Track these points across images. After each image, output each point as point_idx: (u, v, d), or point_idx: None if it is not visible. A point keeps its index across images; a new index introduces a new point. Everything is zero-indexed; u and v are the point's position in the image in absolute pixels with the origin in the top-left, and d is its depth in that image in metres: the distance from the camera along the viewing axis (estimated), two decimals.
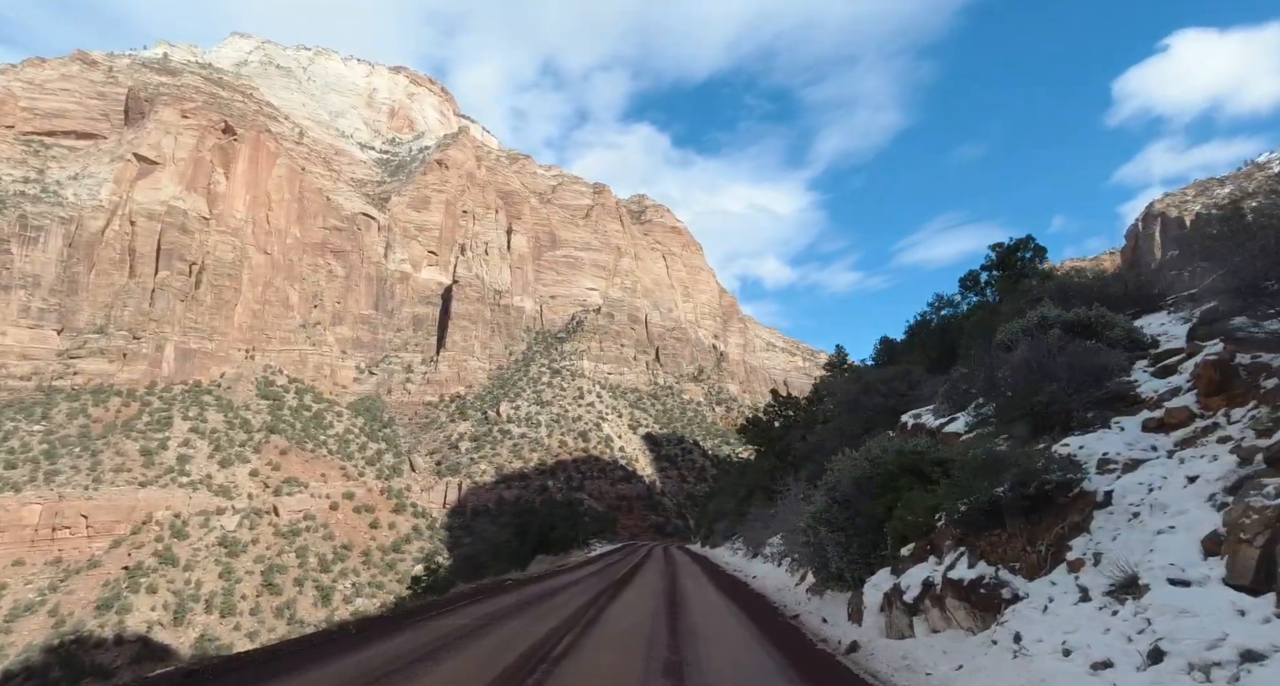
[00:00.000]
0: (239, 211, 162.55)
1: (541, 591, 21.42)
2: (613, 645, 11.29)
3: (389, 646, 11.13)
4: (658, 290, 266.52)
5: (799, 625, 13.53)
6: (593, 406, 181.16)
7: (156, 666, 26.69)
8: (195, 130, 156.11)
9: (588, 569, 33.86)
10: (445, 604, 18.10)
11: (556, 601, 18.20)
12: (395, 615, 16.35)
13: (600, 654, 10.56)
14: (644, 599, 18.51)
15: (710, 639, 11.96)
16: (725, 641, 11.79)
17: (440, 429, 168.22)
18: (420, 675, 8.91)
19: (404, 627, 13.30)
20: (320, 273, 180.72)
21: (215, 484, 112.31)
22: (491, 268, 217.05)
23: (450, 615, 15.29)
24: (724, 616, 15.05)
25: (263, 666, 9.63)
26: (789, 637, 12.14)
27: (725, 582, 23.45)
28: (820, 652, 10.58)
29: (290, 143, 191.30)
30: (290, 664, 9.78)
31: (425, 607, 17.60)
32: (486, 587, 23.80)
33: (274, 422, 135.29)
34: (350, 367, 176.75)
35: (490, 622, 14.10)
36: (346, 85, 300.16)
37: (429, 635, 12.38)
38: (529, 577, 29.76)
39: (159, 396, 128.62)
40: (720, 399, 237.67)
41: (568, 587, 22.88)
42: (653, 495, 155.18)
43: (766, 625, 13.60)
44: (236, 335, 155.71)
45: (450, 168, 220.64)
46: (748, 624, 13.80)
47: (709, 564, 34.94)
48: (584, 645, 11.11)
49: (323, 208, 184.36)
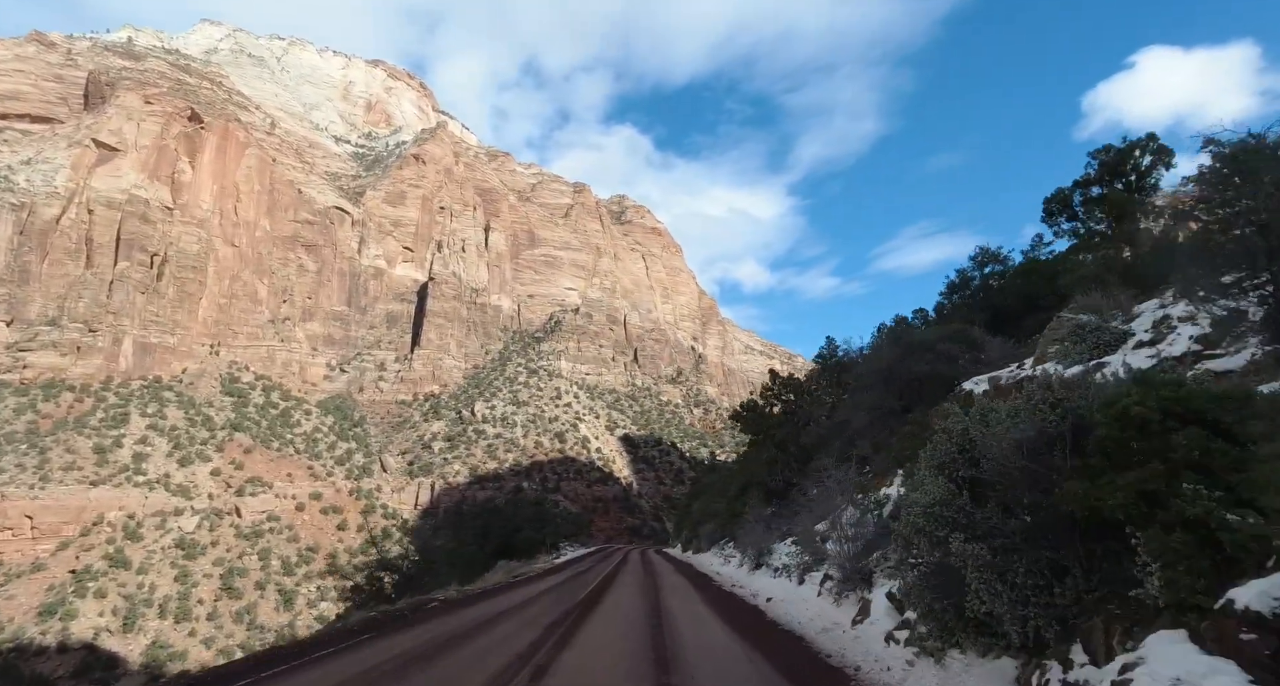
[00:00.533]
0: (205, 202, 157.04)
1: (471, 622, 15.33)
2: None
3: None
4: (637, 291, 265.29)
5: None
6: (570, 407, 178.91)
7: (103, 676, 23.33)
8: (159, 117, 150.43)
9: (550, 580, 28.11)
10: (291, 655, 12.19)
11: (481, 643, 12.27)
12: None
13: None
14: (617, 636, 12.86)
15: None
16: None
17: (413, 428, 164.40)
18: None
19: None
20: (290, 267, 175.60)
21: (174, 483, 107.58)
22: (469, 265, 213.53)
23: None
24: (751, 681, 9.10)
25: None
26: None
27: (729, 607, 17.04)
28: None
29: (261, 133, 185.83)
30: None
31: (267, 659, 12.18)
32: (393, 616, 17.74)
33: (238, 420, 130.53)
34: (320, 365, 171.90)
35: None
36: (321, 77, 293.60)
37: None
38: (469, 595, 22.96)
39: (115, 392, 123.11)
40: (699, 401, 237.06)
41: (513, 612, 16.98)
42: (629, 497, 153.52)
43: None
44: (200, 330, 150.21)
45: (428, 163, 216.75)
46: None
47: (697, 574, 28.43)
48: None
49: (294, 200, 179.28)
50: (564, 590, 22.82)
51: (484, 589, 25.53)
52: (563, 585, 24.94)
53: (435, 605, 19.86)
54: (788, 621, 13.78)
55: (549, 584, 26.07)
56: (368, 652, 11.95)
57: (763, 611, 15.68)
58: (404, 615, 17.73)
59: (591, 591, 21.25)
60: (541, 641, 12.00)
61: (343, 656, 11.71)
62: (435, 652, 11.64)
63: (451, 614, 17.40)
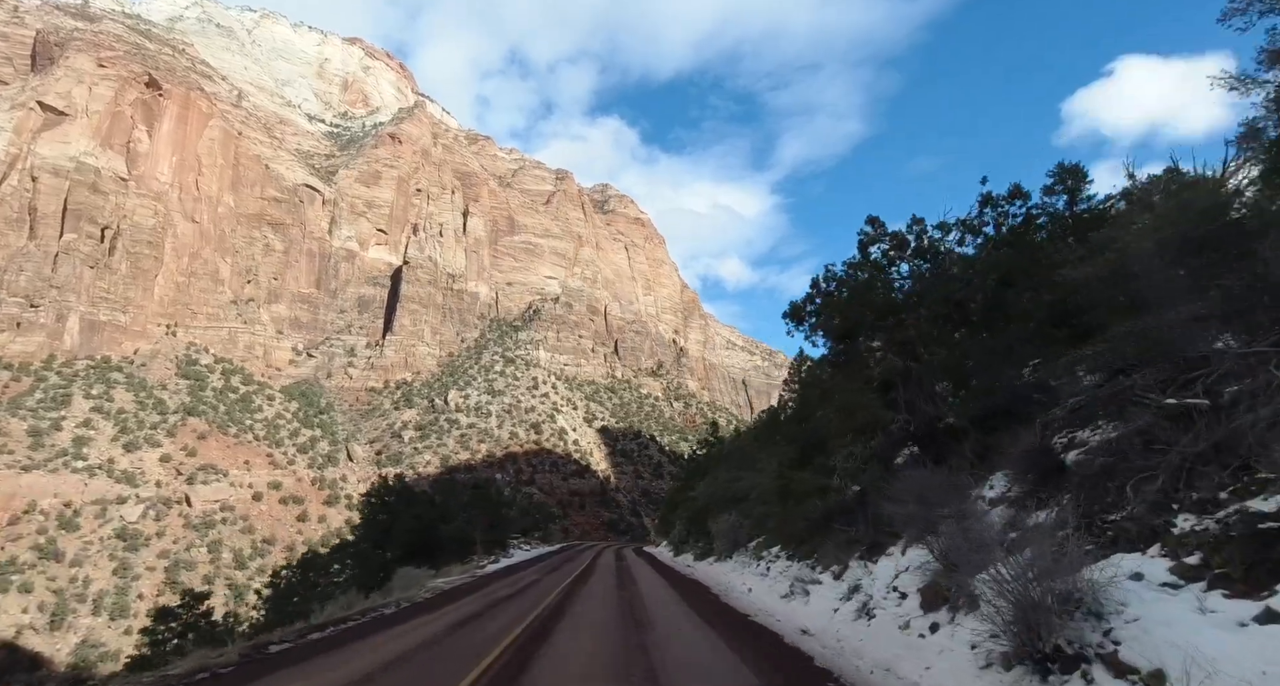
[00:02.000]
0: (163, 174, 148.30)
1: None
2: None
3: None
4: (619, 281, 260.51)
5: None
6: (547, 397, 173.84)
7: (24, 678, 14.70)
8: (114, 81, 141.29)
9: (435, 620, 14.18)
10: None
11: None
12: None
13: None
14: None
15: None
16: None
17: (383, 417, 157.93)
18: None
19: None
20: (256, 246, 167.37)
21: (118, 469, 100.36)
22: (446, 250, 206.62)
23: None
24: None
25: None
26: None
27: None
28: None
29: (226, 105, 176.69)
30: None
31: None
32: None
33: (193, 404, 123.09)
34: (286, 349, 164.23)
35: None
36: (295, 53, 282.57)
37: None
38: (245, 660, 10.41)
39: (58, 372, 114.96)
40: (679, 394, 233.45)
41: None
42: (607, 491, 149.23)
43: None
44: (156, 309, 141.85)
45: (404, 143, 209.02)
46: None
47: (734, 619, 13.21)
48: None
49: (261, 176, 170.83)
50: (435, 656, 10.10)
51: (289, 641, 12.18)
52: (451, 635, 12.03)
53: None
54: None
55: (424, 632, 12.57)
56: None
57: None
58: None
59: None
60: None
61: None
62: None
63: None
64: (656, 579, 23.97)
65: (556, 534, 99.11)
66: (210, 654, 11.18)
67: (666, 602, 16.51)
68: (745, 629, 12.07)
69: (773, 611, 13.57)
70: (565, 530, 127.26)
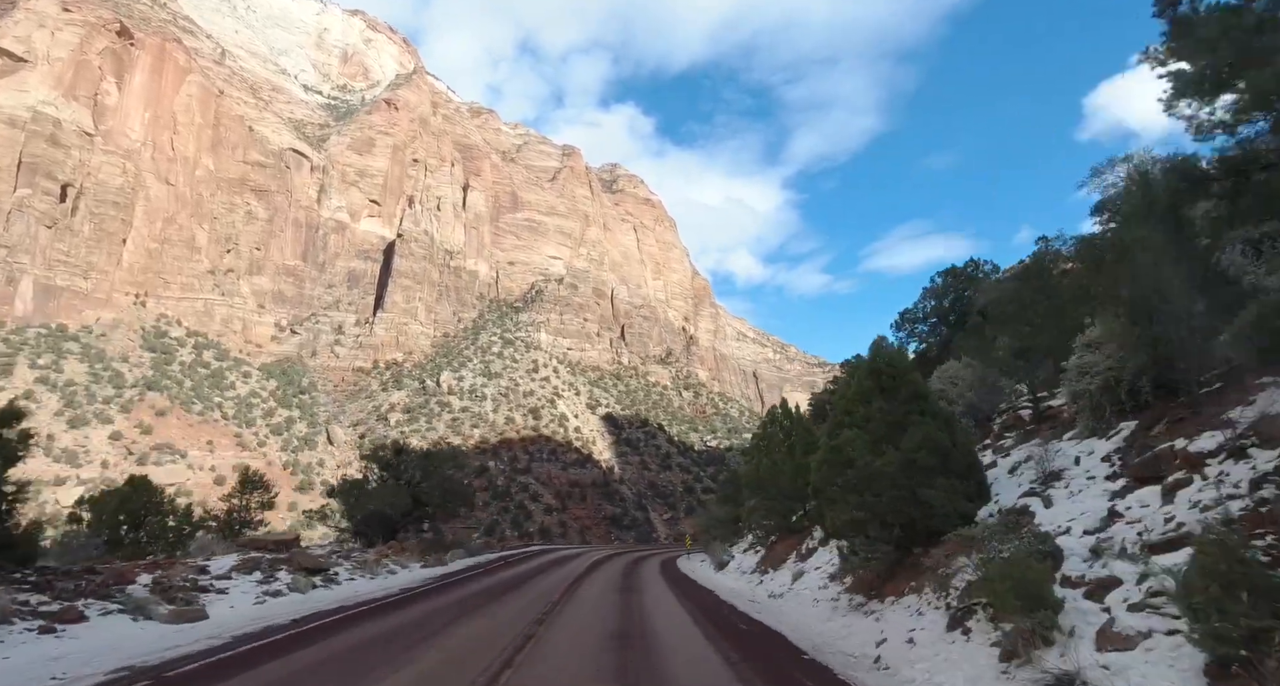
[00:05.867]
0: (133, 130, 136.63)
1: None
2: None
3: None
4: (626, 264, 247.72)
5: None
6: (548, 381, 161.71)
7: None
8: (80, 27, 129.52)
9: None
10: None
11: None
12: None
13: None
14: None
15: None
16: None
17: (370, 398, 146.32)
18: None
19: None
20: (237, 213, 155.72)
21: (58, 447, 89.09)
22: (443, 225, 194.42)
23: None
24: None
25: None
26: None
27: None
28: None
29: (208, 62, 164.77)
30: None
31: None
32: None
33: (156, 379, 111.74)
34: (268, 324, 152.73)
35: None
36: (292, 22, 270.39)
37: None
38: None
39: (4, 339, 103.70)
40: (689, 384, 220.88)
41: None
42: (610, 482, 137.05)
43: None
44: (124, 276, 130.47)
45: (400, 110, 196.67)
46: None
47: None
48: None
49: (244, 138, 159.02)
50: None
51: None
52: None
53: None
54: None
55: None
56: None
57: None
58: None
59: None
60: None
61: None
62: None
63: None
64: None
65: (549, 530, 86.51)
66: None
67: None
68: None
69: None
70: (563, 524, 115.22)
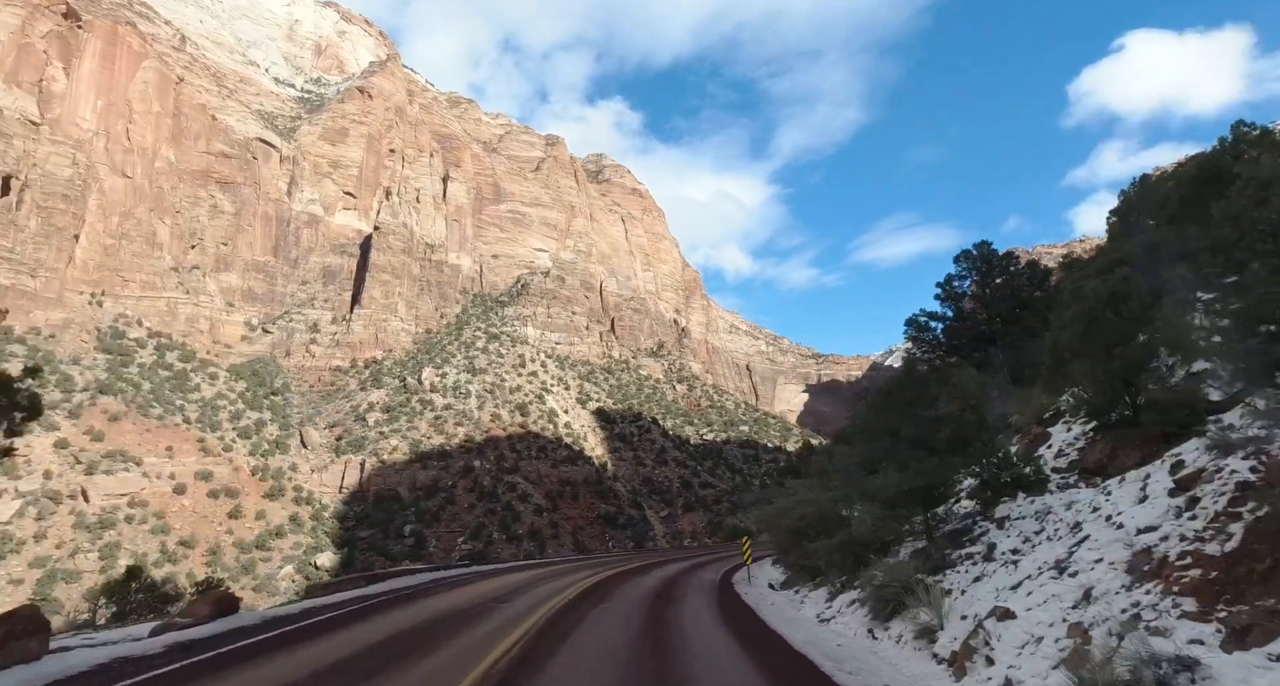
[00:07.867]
0: (84, 119, 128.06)
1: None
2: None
3: None
4: (615, 256, 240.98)
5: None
6: (535, 376, 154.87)
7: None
8: (20, 7, 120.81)
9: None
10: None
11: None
12: None
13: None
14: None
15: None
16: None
17: (347, 398, 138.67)
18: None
19: None
20: (202, 207, 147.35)
21: None
22: (423, 218, 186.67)
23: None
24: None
25: None
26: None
27: None
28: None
29: (166, 48, 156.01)
30: None
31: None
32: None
33: (110, 382, 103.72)
34: (238, 323, 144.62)
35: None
36: (261, 13, 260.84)
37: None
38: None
39: None
40: (682, 376, 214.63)
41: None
42: (603, 480, 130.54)
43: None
44: (78, 274, 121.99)
45: (375, 98, 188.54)
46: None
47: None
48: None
49: (207, 128, 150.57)
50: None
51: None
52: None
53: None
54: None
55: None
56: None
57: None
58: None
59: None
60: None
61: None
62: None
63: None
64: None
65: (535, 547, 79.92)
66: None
67: None
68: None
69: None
70: (554, 525, 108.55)
